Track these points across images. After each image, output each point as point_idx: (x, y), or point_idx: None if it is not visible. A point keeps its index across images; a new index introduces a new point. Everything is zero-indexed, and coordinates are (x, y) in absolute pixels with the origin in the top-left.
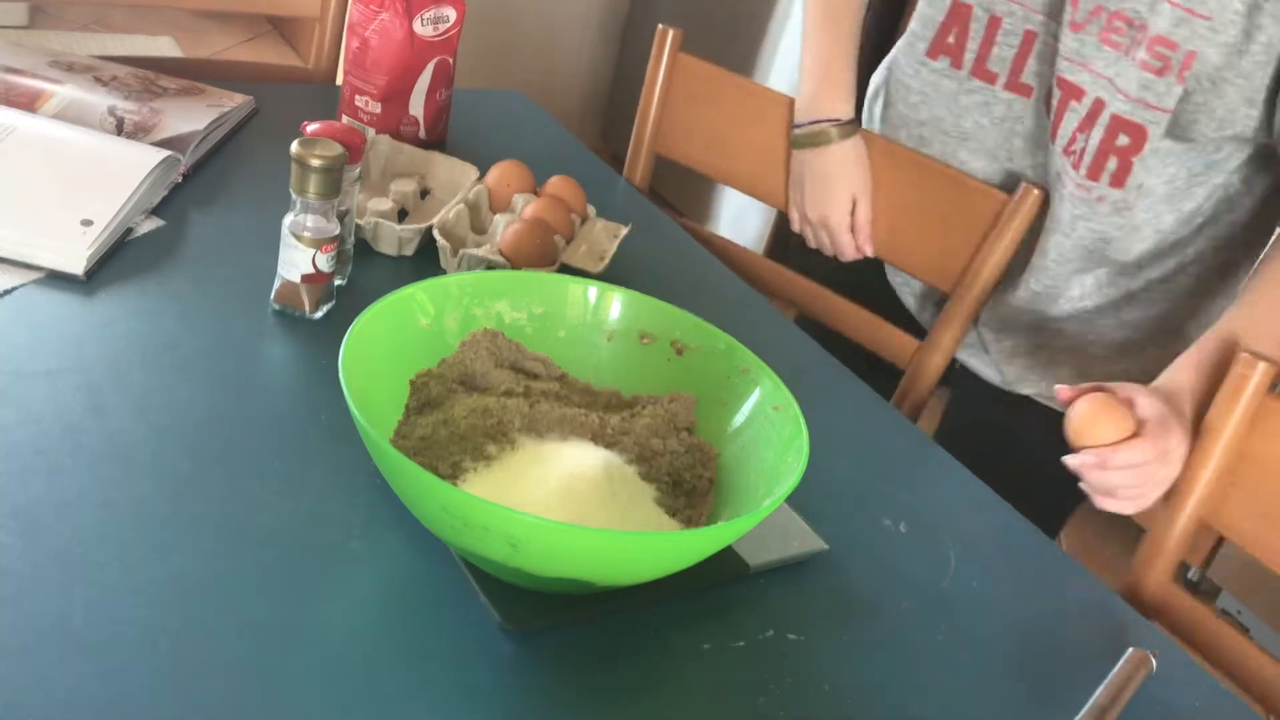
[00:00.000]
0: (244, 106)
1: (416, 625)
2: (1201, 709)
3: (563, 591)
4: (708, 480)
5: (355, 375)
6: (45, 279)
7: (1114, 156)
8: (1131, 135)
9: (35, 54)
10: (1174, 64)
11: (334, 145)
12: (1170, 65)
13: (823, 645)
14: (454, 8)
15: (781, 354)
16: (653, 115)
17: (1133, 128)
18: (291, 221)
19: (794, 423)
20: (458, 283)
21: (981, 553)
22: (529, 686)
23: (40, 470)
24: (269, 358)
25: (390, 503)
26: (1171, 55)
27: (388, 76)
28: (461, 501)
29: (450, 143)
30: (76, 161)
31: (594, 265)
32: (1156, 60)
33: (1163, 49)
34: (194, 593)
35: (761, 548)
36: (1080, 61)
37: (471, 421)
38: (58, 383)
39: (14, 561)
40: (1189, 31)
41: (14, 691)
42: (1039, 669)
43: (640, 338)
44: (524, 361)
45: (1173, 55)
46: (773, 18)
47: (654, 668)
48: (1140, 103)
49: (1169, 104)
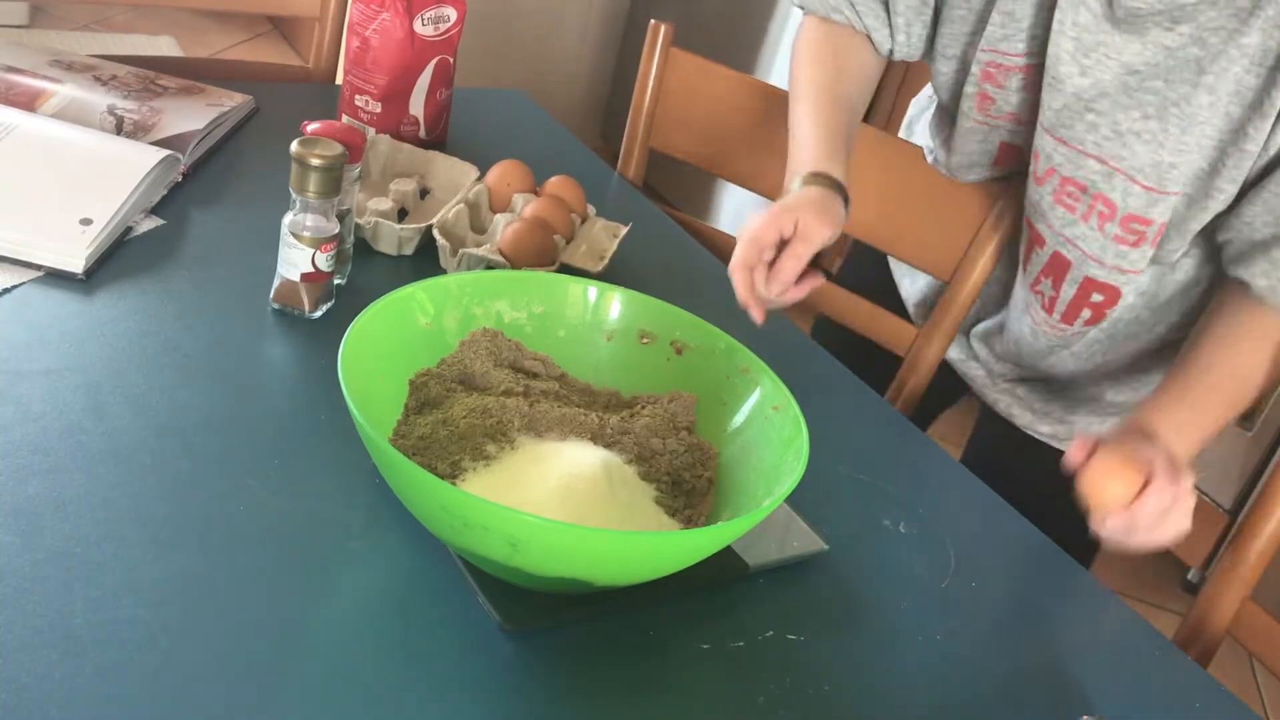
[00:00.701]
0: (244, 106)
1: (416, 625)
2: (1201, 709)
3: (562, 591)
4: (707, 480)
5: (355, 375)
6: (45, 278)
7: (1088, 309)
8: (1106, 294)
9: (35, 53)
10: (1148, 235)
11: (334, 145)
12: (1145, 237)
13: (823, 645)
14: (454, 7)
15: (781, 354)
16: (646, 109)
17: (1108, 289)
18: (291, 221)
19: (794, 423)
20: (457, 282)
21: (981, 553)
22: (529, 686)
23: (39, 469)
24: (268, 357)
25: (390, 503)
26: (1146, 230)
27: (388, 76)
28: (461, 501)
29: (450, 142)
30: (76, 160)
31: (594, 265)
32: (1131, 235)
33: (1138, 225)
34: (193, 592)
35: (761, 548)
36: (1039, 214)
37: (471, 421)
38: (57, 382)
39: (13, 560)
40: (1164, 208)
41: (13, 690)
42: (1038, 669)
43: (640, 337)
44: (523, 361)
45: (1147, 230)
46: (773, 18)
47: (653, 668)
48: (1115, 269)
49: (1141, 266)
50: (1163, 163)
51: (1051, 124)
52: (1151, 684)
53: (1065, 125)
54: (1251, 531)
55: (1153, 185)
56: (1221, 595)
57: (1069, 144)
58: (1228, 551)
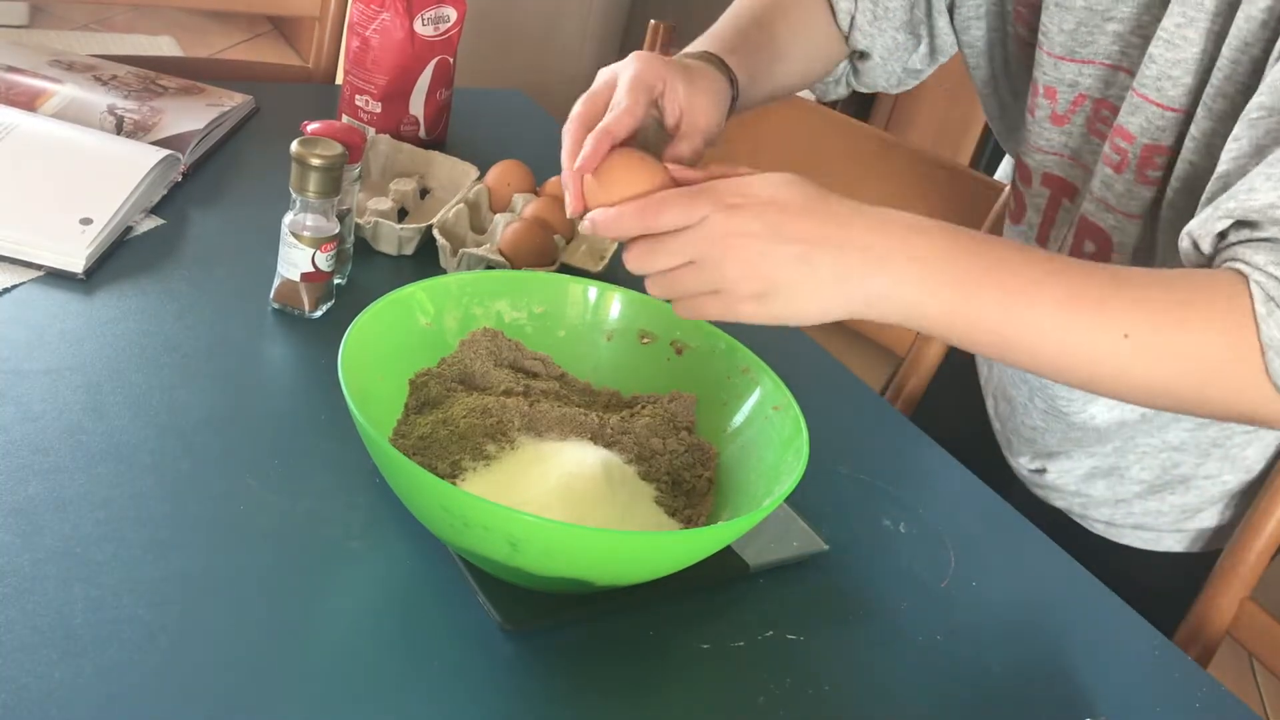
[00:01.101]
0: (244, 106)
1: (416, 625)
2: (1201, 709)
3: (562, 591)
4: (707, 480)
5: (355, 374)
6: (44, 277)
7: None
8: (1097, 243)
9: (35, 53)
10: (1130, 158)
11: (334, 145)
12: (1127, 160)
13: (823, 645)
14: (454, 7)
15: (781, 354)
16: None
17: (1098, 232)
18: (291, 220)
19: (794, 423)
20: (457, 282)
21: (981, 553)
22: (528, 686)
23: (39, 469)
24: (268, 357)
25: (389, 502)
26: (1128, 148)
27: (388, 76)
28: (461, 501)
29: (450, 142)
30: (76, 160)
31: (594, 265)
32: (1116, 154)
33: (1121, 141)
34: (193, 592)
35: (761, 548)
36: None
37: (471, 421)
38: (57, 381)
39: (13, 560)
40: (1144, 121)
41: (13, 690)
42: (1039, 669)
43: (640, 337)
44: (523, 361)
45: (1129, 148)
46: None
47: (653, 668)
48: (1101, 202)
49: (1133, 208)
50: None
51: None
52: (1151, 684)
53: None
54: (1252, 531)
55: (1145, 91)
56: (1221, 595)
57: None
58: (1228, 551)
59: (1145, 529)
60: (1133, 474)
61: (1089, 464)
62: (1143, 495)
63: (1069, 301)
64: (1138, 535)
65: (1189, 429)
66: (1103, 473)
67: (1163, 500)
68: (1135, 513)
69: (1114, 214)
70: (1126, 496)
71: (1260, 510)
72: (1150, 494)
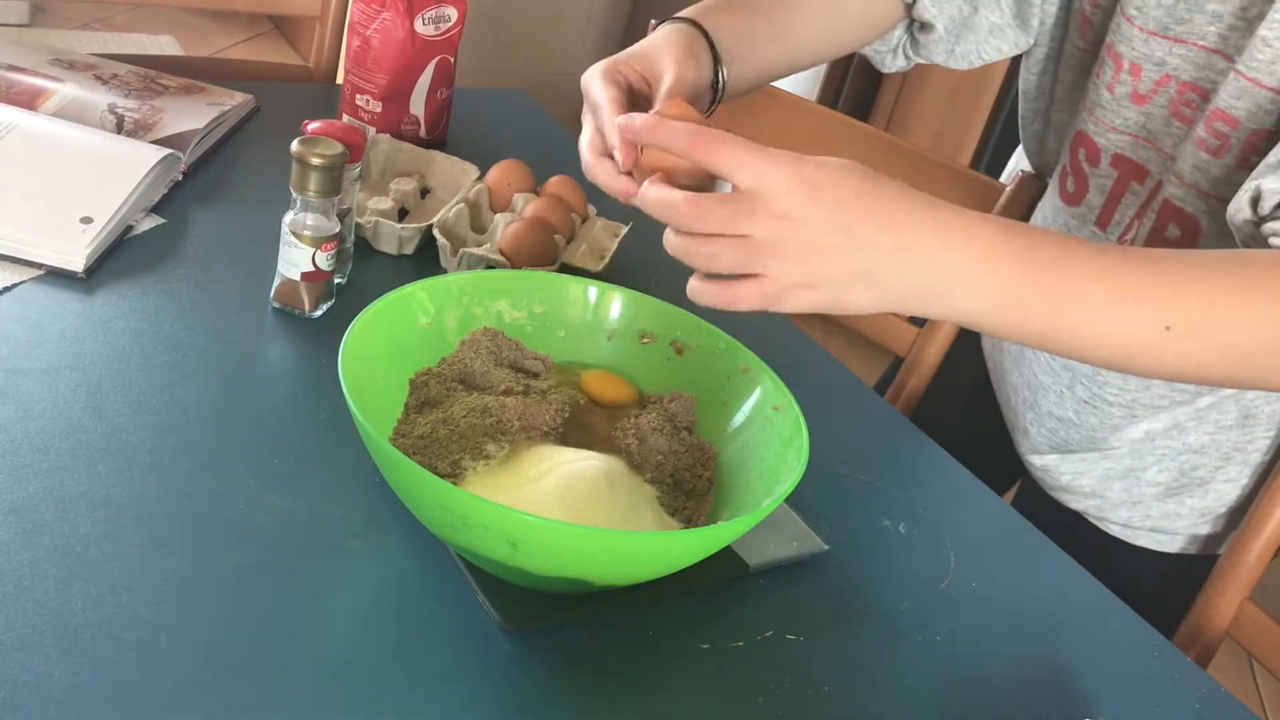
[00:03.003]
0: (244, 105)
1: (415, 625)
2: (1201, 709)
3: (562, 591)
4: (707, 480)
5: (355, 374)
6: (44, 276)
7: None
8: (1184, 227)
9: (36, 52)
10: (1233, 143)
11: (334, 144)
12: (1228, 145)
13: (823, 645)
14: (455, 7)
15: (781, 354)
16: None
17: (1185, 217)
18: (291, 220)
19: (794, 423)
20: (458, 281)
21: (981, 553)
22: (528, 686)
23: (39, 468)
24: (268, 356)
25: (389, 502)
26: (1230, 133)
27: (389, 75)
28: (461, 500)
29: (451, 142)
30: (76, 159)
31: (594, 264)
32: (1215, 139)
33: (1221, 125)
34: (192, 591)
35: (761, 548)
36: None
37: (471, 420)
38: (57, 380)
39: (13, 559)
40: (1252, 105)
41: (12, 689)
42: (1038, 669)
43: (640, 337)
44: (524, 360)
45: (1232, 132)
46: None
47: (653, 668)
48: (1193, 187)
49: (1229, 194)
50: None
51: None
52: (1151, 684)
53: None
54: (1251, 531)
55: (1248, 72)
56: (1221, 596)
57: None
58: (1228, 552)
59: (1162, 532)
60: (1149, 476)
61: (1104, 466)
62: (1160, 498)
63: (1115, 296)
64: (1154, 538)
65: (1210, 432)
66: (1118, 474)
67: (1181, 503)
68: (1154, 515)
69: (1208, 199)
70: (1143, 498)
71: (1260, 511)
72: (1168, 496)
